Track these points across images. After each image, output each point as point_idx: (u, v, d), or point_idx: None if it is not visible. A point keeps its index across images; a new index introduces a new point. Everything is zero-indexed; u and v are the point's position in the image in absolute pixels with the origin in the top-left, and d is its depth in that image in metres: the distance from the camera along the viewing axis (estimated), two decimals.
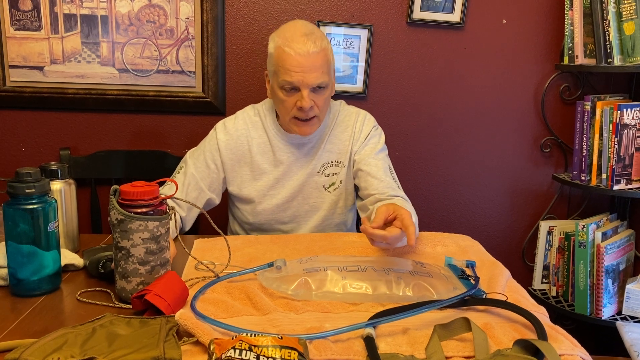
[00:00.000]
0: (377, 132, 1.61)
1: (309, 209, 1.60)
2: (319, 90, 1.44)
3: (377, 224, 1.15)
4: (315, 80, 1.41)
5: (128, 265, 1.04)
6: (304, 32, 1.43)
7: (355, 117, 1.60)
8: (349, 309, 1.03)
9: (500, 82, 2.11)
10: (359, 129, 1.58)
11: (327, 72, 1.44)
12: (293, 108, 1.44)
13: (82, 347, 0.83)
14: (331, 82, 1.49)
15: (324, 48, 1.44)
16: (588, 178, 1.98)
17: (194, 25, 1.98)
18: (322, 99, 1.46)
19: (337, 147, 1.59)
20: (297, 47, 1.40)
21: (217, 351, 0.78)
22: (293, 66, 1.40)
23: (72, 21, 1.95)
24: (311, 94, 1.43)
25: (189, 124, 2.05)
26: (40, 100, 1.98)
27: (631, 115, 1.88)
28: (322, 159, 1.58)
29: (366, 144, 1.58)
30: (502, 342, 0.91)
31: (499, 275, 1.18)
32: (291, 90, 1.43)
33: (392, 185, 1.51)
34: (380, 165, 1.55)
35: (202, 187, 1.54)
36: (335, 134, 1.59)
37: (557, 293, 2.12)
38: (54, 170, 1.30)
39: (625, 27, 1.84)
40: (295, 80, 1.41)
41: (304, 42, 1.40)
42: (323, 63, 1.43)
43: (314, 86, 1.42)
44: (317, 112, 1.46)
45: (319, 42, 1.42)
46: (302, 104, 1.41)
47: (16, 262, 1.08)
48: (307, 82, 1.41)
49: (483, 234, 2.20)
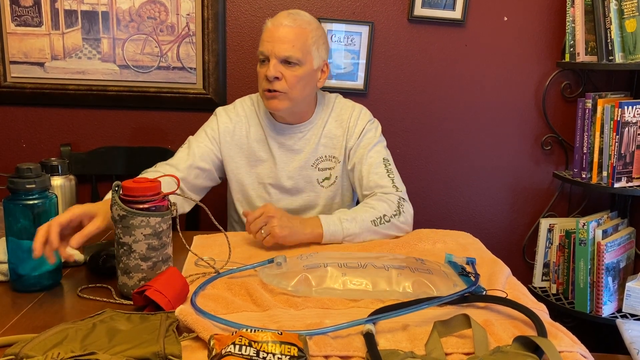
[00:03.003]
0: (372, 126, 1.60)
1: (303, 203, 1.60)
2: (289, 65, 1.46)
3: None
4: (284, 51, 1.44)
5: (130, 261, 1.04)
6: (288, 12, 1.50)
7: (350, 111, 1.60)
8: (349, 305, 1.04)
9: (501, 79, 2.10)
10: (354, 124, 1.58)
11: (299, 49, 1.46)
12: (264, 79, 1.48)
13: (83, 343, 0.83)
14: (306, 63, 1.48)
15: (303, 27, 1.47)
16: (589, 176, 1.98)
17: (194, 22, 1.97)
18: (292, 75, 1.46)
19: (331, 142, 1.59)
20: (276, 21, 1.48)
21: (217, 347, 0.79)
22: (267, 36, 1.47)
23: (72, 17, 1.94)
24: (279, 65, 1.45)
25: (189, 120, 2.05)
26: (41, 96, 1.98)
27: (632, 113, 1.88)
28: (316, 152, 1.58)
29: (361, 140, 1.57)
30: (502, 338, 0.91)
31: (499, 273, 1.18)
32: (264, 61, 1.48)
33: (383, 179, 1.51)
34: (372, 162, 1.54)
35: (206, 160, 1.55)
36: (330, 128, 1.59)
37: (557, 291, 2.12)
38: (55, 166, 1.30)
39: (627, 24, 1.83)
40: (265, 49, 1.46)
41: (284, 17, 1.48)
42: (296, 38, 1.45)
43: (281, 58, 1.45)
44: (285, 87, 1.46)
45: (299, 20, 1.48)
46: (268, 72, 1.45)
47: (17, 257, 1.08)
48: (274, 51, 1.44)
49: (483, 232, 2.20)
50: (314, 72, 1.51)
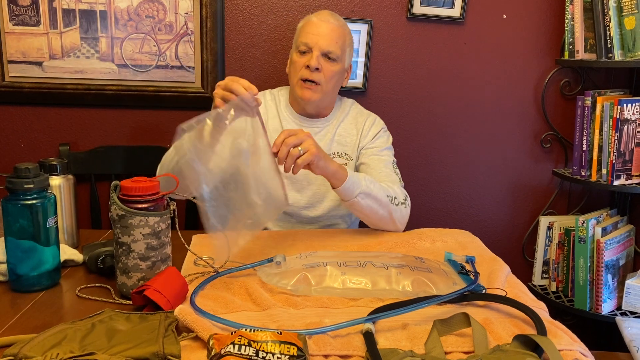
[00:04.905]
0: (385, 134, 1.69)
1: (312, 195, 1.61)
2: (329, 60, 1.55)
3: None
4: (328, 46, 1.54)
5: (129, 261, 1.04)
6: (331, 12, 1.62)
7: (365, 117, 1.70)
8: (348, 304, 1.03)
9: (500, 77, 2.10)
10: (368, 127, 1.67)
11: (340, 46, 1.56)
12: (302, 68, 1.55)
13: (82, 343, 0.83)
14: (342, 62, 1.59)
15: (344, 29, 1.60)
16: (588, 173, 1.98)
17: (193, 21, 1.97)
18: (329, 70, 1.55)
19: (345, 139, 1.66)
20: (321, 17, 1.59)
21: (216, 346, 0.79)
22: (312, 29, 1.56)
23: (70, 16, 1.94)
24: (320, 58, 1.54)
25: (188, 119, 2.04)
26: (39, 95, 1.98)
27: (631, 111, 1.88)
28: (329, 149, 1.64)
29: (373, 142, 1.64)
30: (502, 337, 0.91)
31: (498, 271, 1.18)
32: (304, 52, 1.56)
33: (392, 177, 1.55)
34: (383, 160, 1.60)
35: None
36: (345, 127, 1.66)
37: (556, 288, 2.12)
38: (53, 165, 1.30)
39: (626, 21, 1.83)
40: (309, 40, 1.55)
41: (328, 15, 1.60)
42: (339, 37, 1.57)
43: (324, 51, 1.54)
44: (321, 79, 1.55)
45: (341, 21, 1.61)
46: (310, 62, 1.53)
47: (15, 257, 1.08)
48: (319, 44, 1.54)
49: (483, 230, 2.19)
50: (344, 70, 1.63)
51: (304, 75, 1.55)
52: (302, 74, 1.55)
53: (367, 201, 1.39)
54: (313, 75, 1.54)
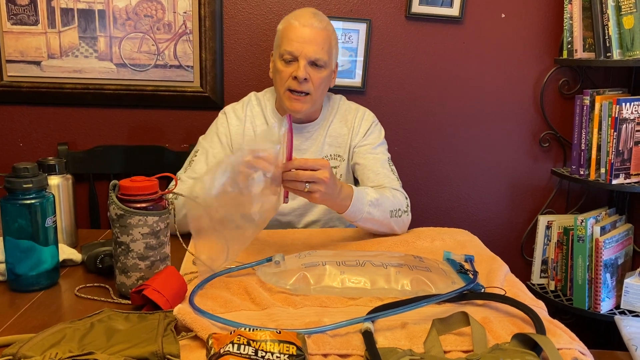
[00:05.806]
0: (376, 128, 1.63)
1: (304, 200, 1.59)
2: (316, 67, 1.48)
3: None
4: (314, 53, 1.46)
5: (128, 261, 1.04)
6: (312, 12, 1.52)
7: (355, 113, 1.62)
8: (347, 304, 1.03)
9: (499, 76, 2.10)
10: (358, 124, 1.60)
11: (326, 51, 1.48)
12: (289, 79, 1.47)
13: (81, 342, 0.83)
14: (330, 66, 1.52)
15: (328, 29, 1.50)
16: (587, 172, 1.98)
17: (191, 20, 1.97)
18: (318, 77, 1.48)
19: (336, 140, 1.61)
20: (303, 20, 1.48)
21: (215, 346, 0.79)
22: (296, 36, 1.46)
23: (69, 15, 1.94)
24: (308, 67, 1.46)
25: (187, 118, 2.05)
26: (37, 95, 1.98)
27: (630, 110, 1.88)
28: (322, 152, 1.60)
29: (366, 139, 1.59)
30: (501, 336, 0.91)
31: (497, 270, 1.18)
32: (290, 61, 1.47)
33: (390, 177, 1.53)
34: (378, 159, 1.56)
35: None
36: (335, 127, 1.61)
37: (555, 287, 2.12)
38: (52, 165, 1.30)
39: (625, 21, 1.83)
40: (294, 49, 1.45)
41: (310, 17, 1.49)
42: (324, 41, 1.47)
43: (311, 59, 1.46)
44: (310, 88, 1.48)
45: (325, 22, 1.50)
46: (298, 73, 1.45)
47: (14, 257, 1.08)
48: (305, 52, 1.45)
49: (481, 229, 2.20)
50: (332, 73, 1.55)
51: (292, 86, 1.47)
52: (289, 84, 1.47)
53: (369, 224, 1.38)
54: (302, 86, 1.46)
